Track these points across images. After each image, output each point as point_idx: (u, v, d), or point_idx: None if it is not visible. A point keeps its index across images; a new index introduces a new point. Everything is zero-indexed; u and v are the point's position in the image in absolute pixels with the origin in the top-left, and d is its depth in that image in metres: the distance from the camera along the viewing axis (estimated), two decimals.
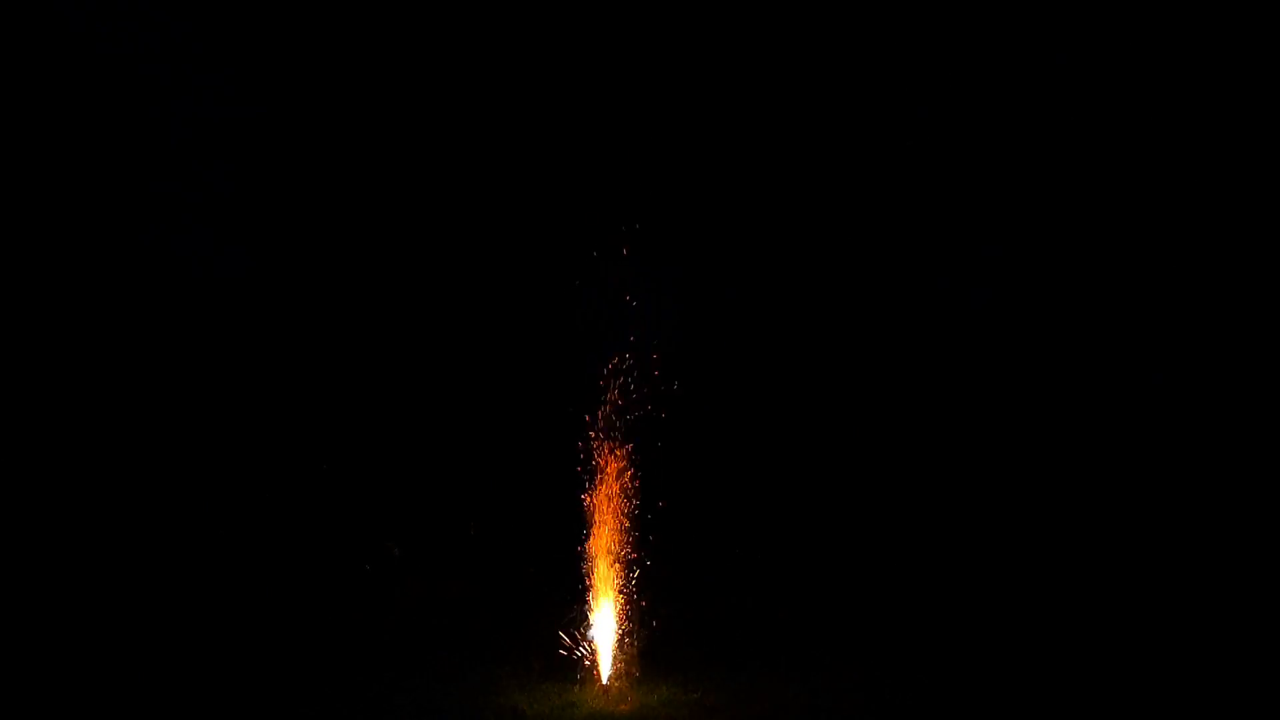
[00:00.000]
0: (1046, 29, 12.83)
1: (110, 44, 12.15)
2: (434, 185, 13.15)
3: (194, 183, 12.68)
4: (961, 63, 13.00)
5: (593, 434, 8.43)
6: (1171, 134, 12.72)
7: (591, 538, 8.44)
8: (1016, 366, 13.13)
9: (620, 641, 8.43)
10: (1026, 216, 13.08)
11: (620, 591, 8.46)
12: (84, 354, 12.22)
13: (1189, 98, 12.63)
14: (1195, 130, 12.63)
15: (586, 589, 8.47)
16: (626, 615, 8.46)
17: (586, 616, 8.46)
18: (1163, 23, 12.54)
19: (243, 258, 12.81)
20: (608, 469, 8.38)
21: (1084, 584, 10.61)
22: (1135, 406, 12.66)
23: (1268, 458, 11.87)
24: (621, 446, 8.47)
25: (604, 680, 8.32)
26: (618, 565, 8.42)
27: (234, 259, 12.79)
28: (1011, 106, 13.04)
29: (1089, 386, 12.93)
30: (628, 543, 8.46)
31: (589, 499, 8.43)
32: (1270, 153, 12.33)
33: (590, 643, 8.42)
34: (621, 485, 8.42)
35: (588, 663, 8.38)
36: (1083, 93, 12.87)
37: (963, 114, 13.12)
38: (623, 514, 8.42)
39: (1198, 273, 12.68)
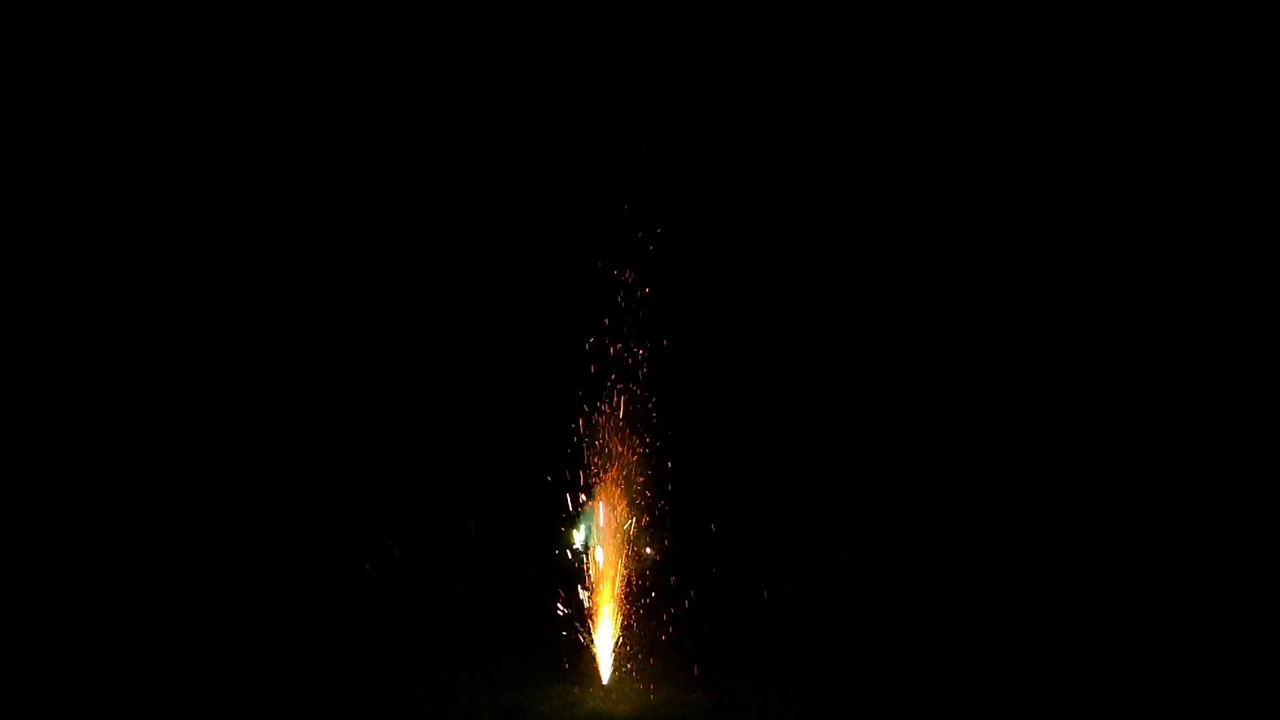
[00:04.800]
0: (1046, 29, 12.83)
1: (115, 42, 12.15)
2: (436, 183, 13.15)
3: (196, 181, 12.68)
4: (961, 62, 13.00)
5: (592, 437, 8.46)
6: (1171, 133, 12.72)
7: (592, 539, 8.47)
8: (1016, 366, 13.13)
9: (621, 642, 8.45)
10: (1026, 216, 13.08)
11: (621, 593, 8.48)
12: (86, 354, 12.23)
13: (1188, 97, 12.63)
14: (1195, 130, 12.63)
15: (587, 591, 8.49)
16: (627, 616, 8.48)
17: (586, 617, 8.49)
18: (1162, 22, 12.54)
19: (245, 257, 12.81)
20: (609, 470, 8.41)
21: (1084, 583, 10.62)
22: (1135, 406, 12.67)
23: (1267, 457, 11.87)
24: (622, 445, 8.50)
25: (604, 680, 8.34)
26: (619, 567, 8.44)
27: (237, 258, 12.79)
28: (1011, 106, 13.04)
29: (1089, 386, 12.93)
30: (629, 544, 8.48)
31: (590, 499, 8.46)
32: (1270, 153, 12.33)
33: (591, 643, 8.44)
34: (622, 485, 8.45)
35: (589, 663, 8.40)
36: (1082, 93, 12.88)
37: (962, 114, 13.11)
38: (624, 516, 8.44)
39: (1197, 272, 12.68)
